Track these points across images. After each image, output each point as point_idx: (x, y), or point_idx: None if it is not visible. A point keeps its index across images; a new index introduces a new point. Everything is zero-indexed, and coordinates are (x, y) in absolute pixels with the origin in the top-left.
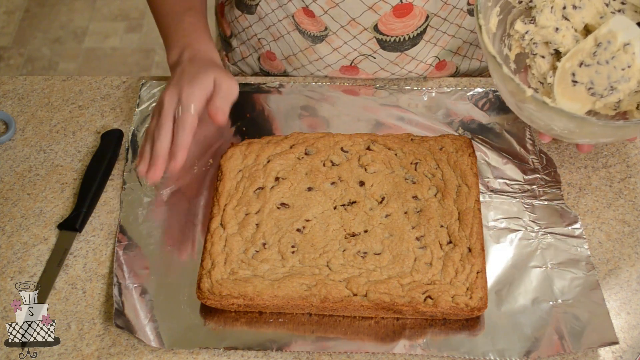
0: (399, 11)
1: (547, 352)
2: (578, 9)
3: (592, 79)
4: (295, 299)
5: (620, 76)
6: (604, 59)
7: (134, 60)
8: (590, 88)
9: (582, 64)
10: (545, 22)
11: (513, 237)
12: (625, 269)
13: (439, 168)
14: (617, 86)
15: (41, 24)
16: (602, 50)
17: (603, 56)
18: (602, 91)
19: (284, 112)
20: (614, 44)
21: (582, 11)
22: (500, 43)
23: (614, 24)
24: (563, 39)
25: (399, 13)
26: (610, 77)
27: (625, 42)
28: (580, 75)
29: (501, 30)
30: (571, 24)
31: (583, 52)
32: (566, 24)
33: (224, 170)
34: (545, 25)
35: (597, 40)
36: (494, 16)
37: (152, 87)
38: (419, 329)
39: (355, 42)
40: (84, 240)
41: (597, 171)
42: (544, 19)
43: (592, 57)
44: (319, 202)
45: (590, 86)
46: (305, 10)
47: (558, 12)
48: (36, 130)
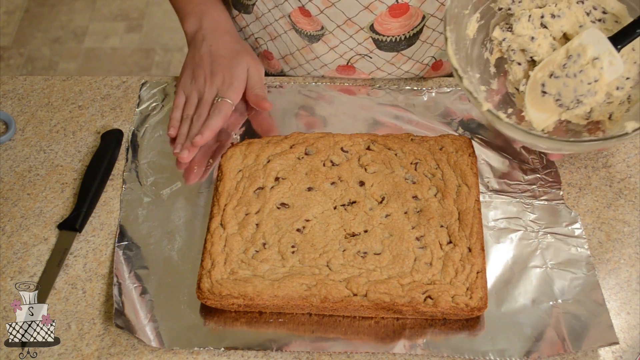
0: (395, 11)
1: (547, 352)
2: (557, 18)
3: (560, 90)
4: (295, 299)
5: (587, 90)
6: (572, 72)
7: (134, 60)
8: (557, 99)
9: (552, 75)
10: (521, 31)
11: (513, 237)
12: (625, 269)
13: (439, 168)
14: (583, 100)
15: (41, 24)
16: (572, 63)
17: (572, 69)
18: (569, 103)
19: (283, 112)
20: (584, 57)
21: (561, 20)
22: (481, 47)
23: (586, 37)
24: (538, 48)
25: (395, 13)
26: (577, 91)
27: (595, 57)
28: (550, 86)
29: (483, 34)
30: (549, 32)
31: (554, 63)
32: (544, 32)
33: (224, 170)
34: (521, 33)
35: (569, 52)
36: (473, 22)
37: (152, 87)
38: (419, 329)
39: (351, 41)
40: (84, 240)
41: (597, 171)
42: (521, 28)
43: (562, 69)
44: (319, 202)
45: (558, 98)
46: (301, 9)
47: (536, 20)
48: (36, 130)
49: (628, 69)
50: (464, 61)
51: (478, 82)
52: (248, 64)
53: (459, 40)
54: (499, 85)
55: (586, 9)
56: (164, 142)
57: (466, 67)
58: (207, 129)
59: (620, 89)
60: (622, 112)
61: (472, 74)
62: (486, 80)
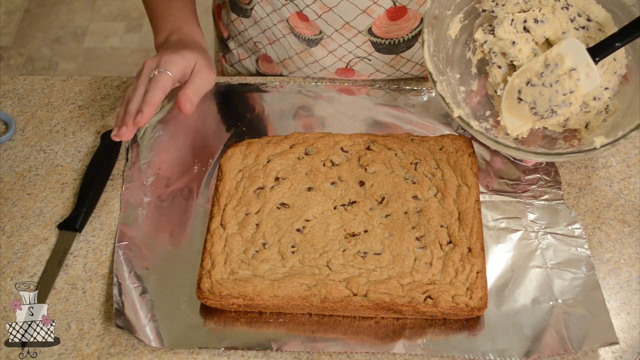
0: (393, 14)
1: (547, 352)
2: (540, 23)
3: (536, 99)
4: (295, 299)
5: (561, 101)
6: (548, 81)
7: (134, 60)
8: (532, 108)
9: (529, 83)
10: (503, 35)
11: (513, 237)
12: (625, 269)
13: (439, 168)
14: (557, 110)
15: (41, 24)
16: (549, 72)
17: (548, 78)
18: (543, 112)
19: (284, 112)
20: (561, 67)
21: (544, 25)
22: (464, 47)
23: (565, 46)
24: (519, 52)
25: (393, 16)
26: (552, 101)
27: (572, 67)
28: (526, 93)
29: (467, 34)
30: (532, 37)
31: (532, 70)
32: (526, 37)
33: (224, 170)
34: (502, 37)
35: (547, 60)
36: (456, 22)
37: None
38: (419, 329)
39: (350, 44)
40: (84, 240)
41: (597, 171)
42: (502, 32)
43: (539, 78)
44: (319, 202)
45: (533, 106)
46: (299, 14)
47: (519, 24)
48: (36, 130)
49: (608, 79)
50: (443, 62)
51: (458, 82)
52: (200, 59)
53: (439, 41)
54: (479, 86)
55: (571, 16)
56: (164, 142)
57: (445, 67)
58: (146, 105)
59: (598, 99)
60: (599, 121)
61: (452, 75)
62: (467, 81)
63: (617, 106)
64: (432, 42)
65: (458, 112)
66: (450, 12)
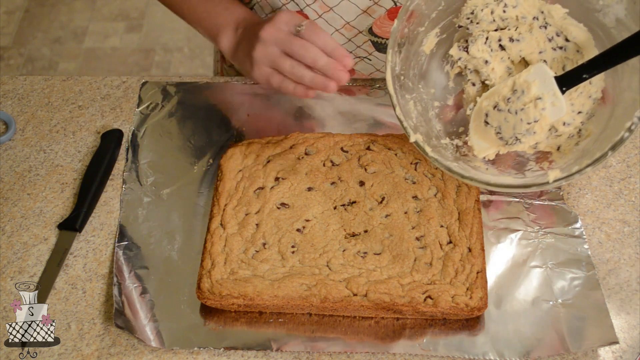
0: (394, 14)
1: (547, 352)
2: (516, 42)
3: (501, 124)
4: (295, 299)
5: (525, 130)
6: (514, 108)
7: (134, 60)
8: (498, 132)
9: (496, 107)
10: (476, 53)
11: (513, 237)
12: (625, 269)
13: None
14: (521, 138)
15: (41, 24)
16: (516, 98)
17: (514, 105)
18: (508, 139)
19: (284, 112)
20: (527, 94)
21: (520, 44)
22: (442, 60)
23: (534, 73)
24: (492, 72)
25: (394, 16)
26: (515, 129)
27: (538, 96)
28: (492, 118)
29: (444, 48)
30: (507, 55)
31: (500, 94)
32: (502, 55)
33: (224, 170)
34: (475, 55)
35: (515, 86)
36: (432, 37)
37: (152, 87)
38: (419, 329)
39: (350, 44)
40: (84, 240)
41: (597, 171)
42: (475, 50)
43: (506, 103)
44: (319, 202)
45: (499, 131)
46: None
47: (494, 43)
48: (36, 130)
49: (582, 103)
50: (414, 79)
51: (432, 97)
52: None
53: (409, 58)
54: (455, 100)
55: (549, 35)
56: (164, 142)
57: (417, 84)
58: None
59: (567, 125)
60: (572, 145)
61: (425, 90)
62: (443, 95)
63: (591, 130)
64: (397, 62)
65: (414, 138)
66: (424, 28)
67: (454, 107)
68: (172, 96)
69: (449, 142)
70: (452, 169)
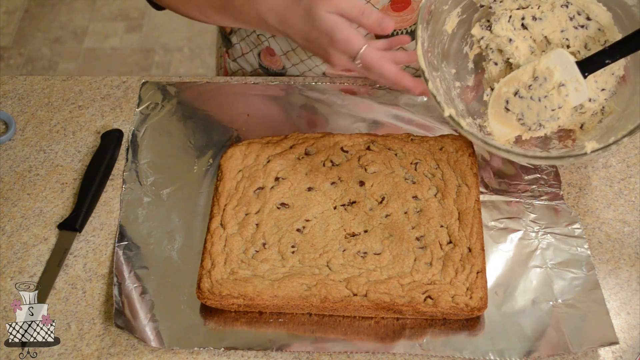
0: (397, 5)
1: (547, 352)
2: (538, 21)
3: (523, 111)
4: (295, 299)
5: (549, 116)
6: (537, 96)
7: (134, 60)
8: (520, 119)
9: (517, 94)
10: (499, 32)
11: (513, 237)
12: (625, 269)
13: (439, 168)
14: (545, 124)
15: (41, 24)
16: (538, 85)
17: (537, 92)
18: (531, 125)
19: (284, 112)
20: (550, 81)
21: (542, 23)
22: (461, 41)
23: (554, 59)
24: (515, 50)
25: (397, 7)
26: (540, 115)
27: (561, 82)
28: (513, 104)
29: (464, 28)
30: (529, 34)
31: (520, 81)
32: (524, 34)
33: (224, 170)
34: (499, 34)
35: (535, 73)
36: (453, 17)
37: (152, 87)
38: (419, 329)
39: None
40: (84, 240)
41: (597, 171)
42: (499, 28)
43: (527, 90)
44: (319, 202)
45: (521, 117)
46: None
47: (517, 21)
48: (36, 130)
49: (605, 80)
50: (438, 57)
51: (453, 77)
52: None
53: (434, 36)
54: (475, 82)
55: (570, 14)
56: (164, 142)
57: (440, 63)
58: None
59: (593, 101)
60: (595, 122)
61: (447, 70)
62: (463, 76)
63: (614, 107)
64: (426, 39)
65: (449, 112)
66: (448, 6)
67: (474, 88)
68: (172, 96)
69: (472, 122)
70: (488, 142)
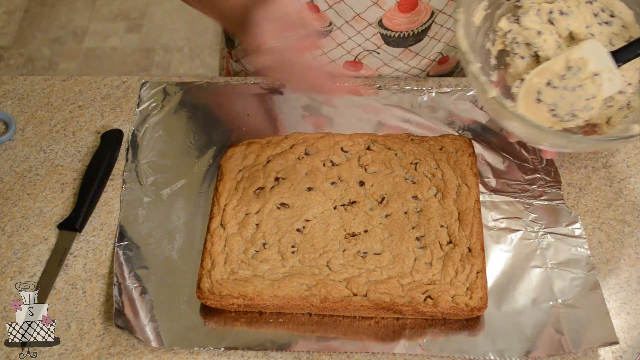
0: (404, 6)
1: (547, 352)
2: (565, 15)
3: (556, 102)
4: (295, 299)
5: (584, 106)
6: (571, 86)
7: (134, 60)
8: (552, 110)
9: (550, 84)
10: (528, 24)
11: (513, 237)
12: (625, 269)
13: (439, 168)
14: (579, 114)
15: (41, 24)
16: (571, 75)
17: (571, 82)
18: (564, 115)
19: (284, 112)
20: (584, 71)
21: (568, 18)
22: (484, 37)
23: (587, 49)
24: (544, 43)
25: (404, 8)
26: (574, 105)
27: (595, 72)
28: (545, 95)
29: (487, 24)
30: (555, 29)
31: (552, 72)
32: (550, 29)
33: (224, 170)
34: (528, 27)
35: (568, 63)
36: (481, 10)
37: (152, 87)
38: (419, 329)
39: (359, 37)
40: (84, 240)
41: (597, 171)
42: (528, 21)
43: (560, 80)
44: (319, 202)
45: (553, 108)
46: (310, 5)
47: (544, 15)
48: (36, 130)
49: (631, 75)
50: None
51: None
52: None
53: (467, 26)
54: (498, 77)
55: (594, 10)
56: (164, 142)
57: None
58: None
59: (622, 93)
60: (621, 117)
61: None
62: (486, 72)
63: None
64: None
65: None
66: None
67: (497, 84)
68: (172, 96)
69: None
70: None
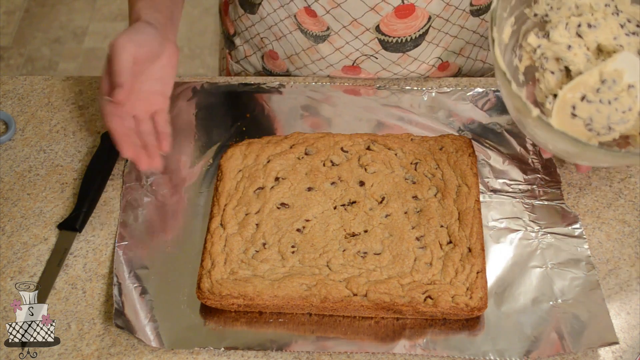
0: (401, 12)
1: (547, 352)
2: (593, 28)
3: (592, 116)
4: (295, 299)
5: (620, 118)
6: (606, 99)
7: None
8: (588, 124)
9: (584, 99)
10: (558, 39)
11: (513, 237)
12: (625, 269)
13: (439, 168)
14: (615, 127)
15: (41, 24)
16: (606, 88)
17: (606, 95)
18: (600, 129)
19: (284, 112)
20: (619, 84)
21: (596, 30)
22: (511, 53)
23: (621, 61)
24: (575, 57)
25: (401, 14)
26: (610, 118)
27: (631, 84)
28: (581, 109)
29: (514, 40)
30: (584, 42)
31: (586, 85)
32: (579, 42)
33: (224, 170)
34: (558, 41)
35: (602, 76)
36: (508, 27)
37: None
38: (419, 329)
39: (357, 42)
40: (84, 240)
41: (597, 171)
42: (558, 35)
43: (595, 94)
44: (319, 202)
45: (589, 122)
46: (307, 10)
47: (572, 29)
48: (36, 130)
49: None
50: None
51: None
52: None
53: (501, 44)
54: (527, 94)
55: (621, 21)
56: None
57: None
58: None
59: None
60: None
61: None
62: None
63: None
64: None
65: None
66: (506, 14)
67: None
68: (171, 96)
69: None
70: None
